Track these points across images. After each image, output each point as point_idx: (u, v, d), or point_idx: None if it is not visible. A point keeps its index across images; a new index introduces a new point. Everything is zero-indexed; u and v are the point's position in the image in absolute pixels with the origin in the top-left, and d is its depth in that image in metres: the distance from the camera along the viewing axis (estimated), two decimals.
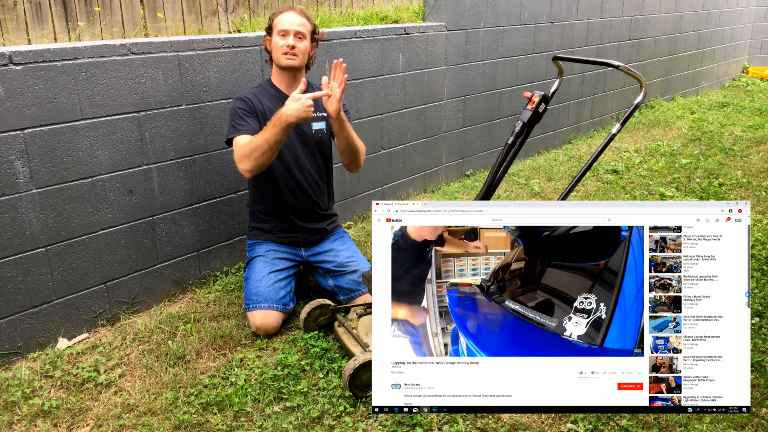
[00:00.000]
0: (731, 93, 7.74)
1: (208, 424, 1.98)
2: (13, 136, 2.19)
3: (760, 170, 4.59)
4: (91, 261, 2.48)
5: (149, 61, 2.50)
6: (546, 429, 1.95)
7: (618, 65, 2.31)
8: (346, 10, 4.17)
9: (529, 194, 4.15)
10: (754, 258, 3.03)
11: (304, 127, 2.57)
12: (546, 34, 4.82)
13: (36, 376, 2.23)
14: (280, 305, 2.49)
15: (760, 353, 2.30)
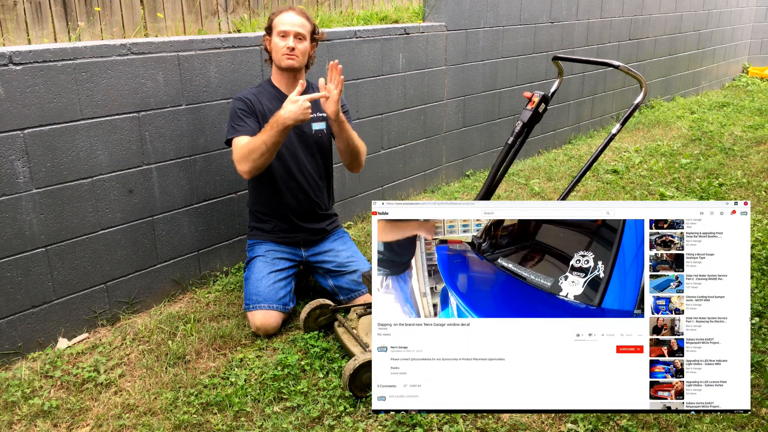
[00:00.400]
0: (731, 93, 7.74)
1: (208, 424, 1.98)
2: (13, 136, 2.19)
3: (760, 170, 4.59)
4: (91, 261, 2.48)
5: (149, 61, 2.50)
6: (546, 429, 1.95)
7: (618, 65, 2.31)
8: (346, 10, 4.17)
9: (529, 194, 4.15)
10: (754, 258, 3.03)
11: (303, 128, 2.57)
12: (546, 34, 4.82)
13: (36, 376, 2.23)
14: (280, 305, 2.49)
15: (760, 353, 2.30)
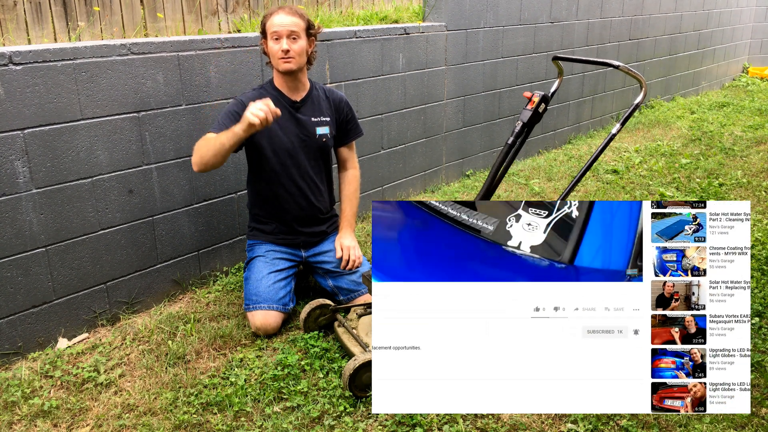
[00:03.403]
0: (731, 93, 7.74)
1: (208, 424, 1.98)
2: (13, 136, 2.19)
3: (760, 170, 4.59)
4: (91, 261, 2.48)
5: (149, 61, 2.50)
6: (546, 429, 1.95)
7: (618, 65, 2.31)
8: (346, 10, 4.17)
9: (529, 194, 4.15)
10: (754, 258, 3.03)
11: (309, 133, 2.56)
12: (546, 34, 4.82)
13: (36, 376, 2.22)
14: (279, 305, 2.49)
15: (760, 353, 2.30)
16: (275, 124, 2.50)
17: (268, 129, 2.49)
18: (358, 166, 2.79)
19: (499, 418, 1.98)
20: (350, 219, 2.69)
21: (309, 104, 2.57)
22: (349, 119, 2.68)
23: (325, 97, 2.62)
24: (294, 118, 2.54)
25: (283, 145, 2.52)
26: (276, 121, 2.50)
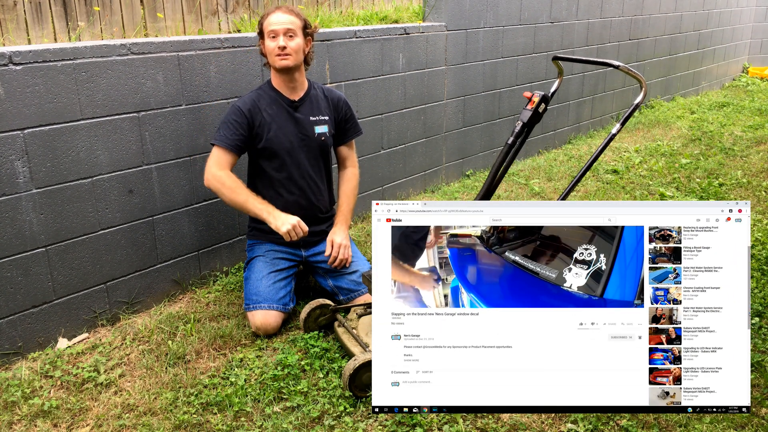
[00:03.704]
0: (731, 93, 7.74)
1: (208, 424, 1.98)
2: (13, 136, 2.19)
3: (760, 170, 4.59)
4: (91, 261, 2.48)
5: (149, 61, 2.50)
6: (546, 429, 1.95)
7: (618, 65, 2.31)
8: (346, 10, 4.17)
9: (529, 194, 4.15)
10: (754, 258, 3.03)
11: (307, 132, 2.57)
12: (546, 34, 4.82)
13: (36, 376, 2.23)
14: (280, 305, 2.49)
15: (760, 353, 2.30)
16: (274, 124, 2.51)
17: (268, 129, 2.50)
18: (357, 164, 2.79)
19: (499, 418, 1.98)
20: (346, 216, 2.69)
21: (307, 103, 2.58)
22: (347, 118, 2.69)
23: (323, 97, 2.63)
24: (292, 117, 2.54)
25: (282, 144, 2.52)
26: (275, 121, 2.51)
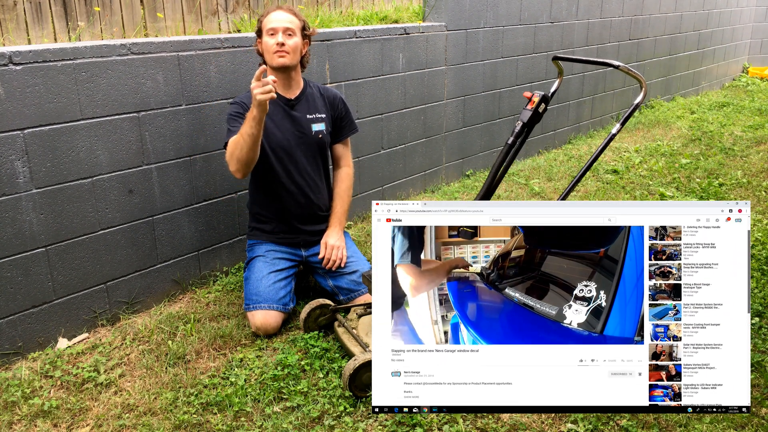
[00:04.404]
0: (731, 93, 7.74)
1: (208, 424, 1.98)
2: (13, 136, 2.19)
3: (760, 170, 4.59)
4: (91, 261, 2.48)
5: (149, 61, 2.50)
6: (546, 429, 1.95)
7: (618, 65, 2.31)
8: (346, 10, 4.17)
9: (529, 194, 4.15)
10: (754, 258, 3.03)
11: (304, 130, 2.57)
12: (546, 34, 4.82)
13: (36, 376, 2.23)
14: (280, 305, 2.49)
15: (760, 353, 2.30)
16: (271, 122, 2.51)
17: (265, 128, 2.50)
18: (352, 164, 2.79)
19: (499, 418, 1.98)
20: (340, 217, 2.69)
21: (304, 102, 2.58)
22: (343, 116, 2.69)
23: (319, 95, 2.63)
24: (289, 116, 2.55)
25: (279, 143, 2.52)
26: (271, 120, 2.51)
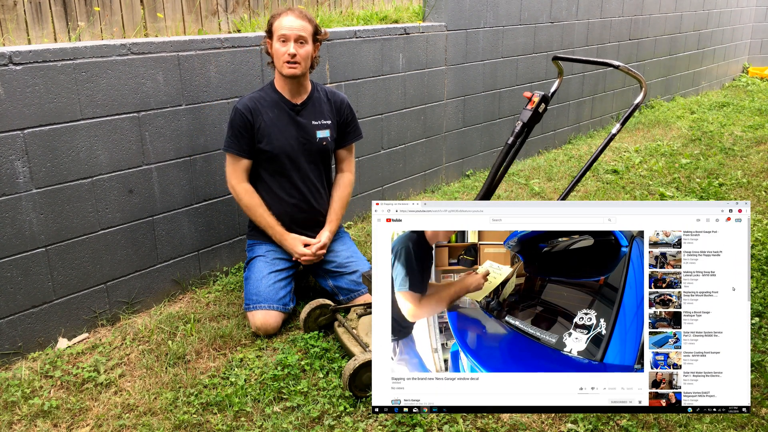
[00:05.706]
0: (731, 93, 7.74)
1: (208, 424, 1.98)
2: (13, 136, 2.19)
3: (760, 170, 4.59)
4: (91, 261, 2.48)
5: (149, 61, 2.50)
6: (546, 429, 1.95)
7: (618, 65, 2.31)
8: (346, 10, 4.17)
9: (529, 194, 4.15)
10: (754, 258, 3.03)
11: (309, 136, 2.56)
12: (546, 34, 4.82)
13: (36, 376, 2.23)
14: (280, 305, 2.49)
15: (760, 353, 2.30)
16: (275, 128, 2.50)
17: (269, 133, 2.50)
18: (354, 170, 2.79)
19: (499, 418, 1.98)
20: (333, 224, 2.68)
21: (310, 107, 2.57)
22: (349, 121, 2.68)
23: (326, 100, 2.62)
24: (294, 121, 2.54)
25: (283, 148, 2.52)
26: (276, 125, 2.51)
